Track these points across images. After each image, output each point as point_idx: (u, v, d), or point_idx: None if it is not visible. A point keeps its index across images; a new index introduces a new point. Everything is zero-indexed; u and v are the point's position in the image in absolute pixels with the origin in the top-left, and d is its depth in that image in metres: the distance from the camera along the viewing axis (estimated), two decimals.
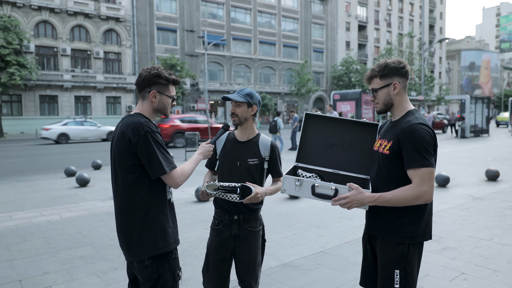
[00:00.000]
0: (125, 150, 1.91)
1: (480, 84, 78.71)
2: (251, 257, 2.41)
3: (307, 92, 43.50)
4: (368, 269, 2.13)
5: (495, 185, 7.97)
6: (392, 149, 1.91)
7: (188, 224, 5.41)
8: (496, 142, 19.06)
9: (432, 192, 1.83)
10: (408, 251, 1.92)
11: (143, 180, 1.94)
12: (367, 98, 19.82)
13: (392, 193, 1.85)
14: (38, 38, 31.77)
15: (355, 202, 1.87)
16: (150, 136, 1.89)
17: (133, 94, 36.00)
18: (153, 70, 2.01)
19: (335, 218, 5.64)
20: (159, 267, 1.97)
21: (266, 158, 2.44)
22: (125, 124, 1.94)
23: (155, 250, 1.95)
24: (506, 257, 4.05)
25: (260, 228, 2.49)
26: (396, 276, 1.91)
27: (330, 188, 1.96)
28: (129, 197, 1.95)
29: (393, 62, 1.97)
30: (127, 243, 1.98)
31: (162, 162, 1.91)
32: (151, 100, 2.02)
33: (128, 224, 1.97)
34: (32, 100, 31.51)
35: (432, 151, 1.84)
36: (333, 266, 3.90)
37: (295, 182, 2.04)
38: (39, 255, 4.29)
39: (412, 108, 2.00)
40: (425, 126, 1.85)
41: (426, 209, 1.93)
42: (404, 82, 1.99)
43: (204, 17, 41.07)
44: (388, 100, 2.00)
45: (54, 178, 9.67)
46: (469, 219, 5.55)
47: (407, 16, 63.71)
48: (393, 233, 1.93)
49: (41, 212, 6.22)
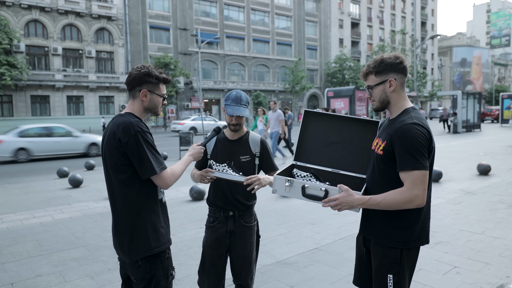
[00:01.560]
0: (115, 150, 1.89)
1: (472, 80, 79.28)
2: (247, 252, 2.44)
3: (301, 89, 43.57)
4: (362, 269, 2.08)
5: (486, 179, 8.04)
6: (386, 150, 1.83)
7: (182, 224, 5.39)
8: (488, 137, 19.23)
9: (424, 196, 1.74)
10: (401, 255, 1.84)
11: (134, 180, 1.92)
12: (361, 95, 19.89)
13: (382, 196, 1.78)
14: (28, 38, 31.41)
15: (344, 204, 1.83)
16: (140, 136, 1.88)
17: (126, 93, 35.75)
18: (143, 68, 1.98)
19: (329, 215, 5.66)
20: (152, 267, 1.96)
21: (257, 154, 2.49)
22: (116, 124, 1.92)
23: (148, 250, 1.94)
24: (498, 250, 4.09)
25: (255, 224, 2.53)
26: (390, 281, 1.85)
27: (320, 189, 1.92)
28: (121, 198, 1.94)
29: (389, 58, 1.87)
30: (120, 243, 1.98)
31: (152, 162, 1.89)
32: (141, 99, 2.00)
33: (120, 224, 1.96)
34: (23, 101, 31.16)
35: (425, 153, 1.74)
36: (328, 262, 3.91)
37: (285, 182, 2.01)
38: (31, 257, 4.25)
39: (409, 106, 1.90)
40: (420, 126, 1.75)
41: (421, 213, 1.84)
42: (402, 78, 1.89)
43: (197, 15, 40.89)
44: (384, 97, 1.91)
45: (46, 179, 9.59)
46: (462, 213, 5.59)
47: (399, 13, 63.97)
48: (385, 237, 1.87)
49: (33, 214, 6.16)
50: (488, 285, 3.29)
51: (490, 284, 3.31)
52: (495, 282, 3.33)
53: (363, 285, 2.09)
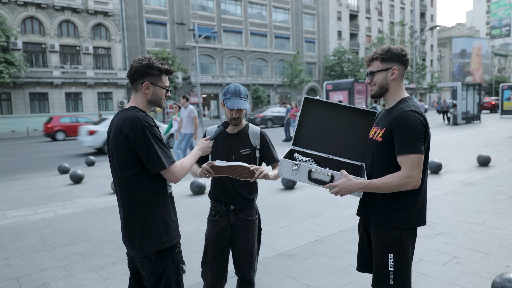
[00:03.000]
0: (122, 146, 1.86)
1: (472, 71, 79.09)
2: (248, 246, 2.46)
3: (299, 83, 43.47)
4: (364, 254, 2.17)
5: (486, 171, 8.07)
6: (385, 136, 1.94)
7: (184, 218, 5.43)
8: (488, 128, 19.25)
9: (419, 179, 1.86)
10: (401, 235, 1.95)
11: (142, 175, 1.90)
12: (360, 87, 19.86)
13: (380, 180, 1.89)
14: (25, 35, 31.30)
15: (344, 190, 1.93)
16: (148, 130, 1.85)
17: (124, 89, 35.72)
18: (144, 60, 1.94)
19: (329, 207, 5.69)
20: (163, 261, 1.95)
21: (257, 146, 2.50)
22: (122, 119, 1.89)
23: (159, 245, 1.93)
24: (497, 240, 4.13)
25: (256, 217, 2.54)
26: (390, 260, 1.95)
27: (327, 174, 2.00)
28: (129, 193, 1.91)
29: (396, 49, 2.00)
30: (130, 239, 1.95)
31: (161, 156, 1.87)
32: (144, 92, 1.97)
33: (130, 220, 1.94)
34: (21, 98, 31.13)
35: (422, 139, 1.86)
36: (329, 254, 3.95)
37: (292, 166, 2.06)
38: (35, 252, 4.29)
39: (406, 96, 2.03)
40: (417, 114, 1.87)
41: (420, 195, 1.95)
42: (403, 70, 2.03)
43: (194, 10, 40.70)
44: (384, 83, 2.02)
45: (48, 175, 9.61)
46: (461, 204, 5.63)
47: (398, 4, 63.63)
48: (386, 218, 1.97)
49: (36, 210, 6.20)
50: (488, 275, 3.33)
51: (490, 273, 3.35)
52: (494, 272, 3.37)
53: (366, 269, 2.19)
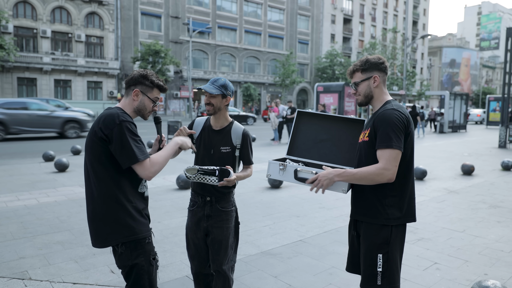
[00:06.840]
0: (97, 139, 1.91)
1: (460, 81, 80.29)
2: (223, 237, 2.49)
3: (291, 83, 43.57)
4: (354, 255, 2.22)
5: (470, 179, 8.21)
6: (370, 135, 2.03)
7: (168, 211, 5.39)
8: (473, 138, 19.57)
9: (394, 172, 1.91)
10: (391, 234, 2.01)
11: (114, 169, 1.93)
12: (350, 91, 19.95)
13: (357, 169, 1.98)
14: (17, 19, 30.69)
15: (324, 179, 1.99)
16: (124, 125, 1.90)
17: (115, 79, 35.31)
18: (143, 71, 2.08)
19: (315, 208, 5.72)
20: (132, 253, 1.97)
21: (238, 146, 2.53)
22: (102, 114, 1.97)
23: (125, 237, 1.95)
24: (477, 249, 4.21)
25: (233, 209, 2.58)
26: (379, 260, 2.00)
27: (311, 172, 2.10)
28: (101, 186, 1.94)
29: (373, 58, 2.13)
30: (96, 230, 1.98)
31: (135, 151, 1.89)
32: (133, 99, 2.06)
33: (98, 212, 1.96)
34: (9, 82, 30.53)
35: (401, 136, 1.93)
36: (311, 254, 3.97)
37: (279, 166, 2.22)
38: (15, 239, 4.21)
39: (390, 99, 2.13)
40: (398, 112, 1.97)
41: (407, 192, 2.04)
42: (383, 76, 2.13)
43: (190, 4, 40.43)
44: (368, 92, 2.13)
45: (32, 162, 9.46)
46: (444, 211, 5.71)
47: (392, 11, 64.26)
48: (376, 216, 2.03)
49: (18, 196, 6.09)
50: (466, 282, 3.38)
51: (469, 280, 3.41)
52: (473, 279, 3.43)
53: (354, 270, 2.24)
